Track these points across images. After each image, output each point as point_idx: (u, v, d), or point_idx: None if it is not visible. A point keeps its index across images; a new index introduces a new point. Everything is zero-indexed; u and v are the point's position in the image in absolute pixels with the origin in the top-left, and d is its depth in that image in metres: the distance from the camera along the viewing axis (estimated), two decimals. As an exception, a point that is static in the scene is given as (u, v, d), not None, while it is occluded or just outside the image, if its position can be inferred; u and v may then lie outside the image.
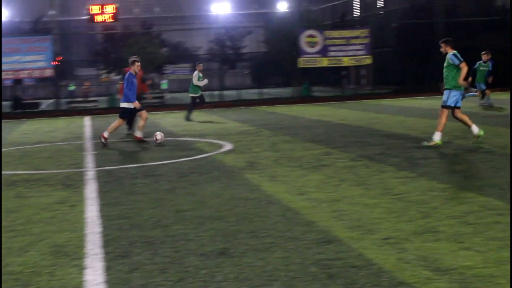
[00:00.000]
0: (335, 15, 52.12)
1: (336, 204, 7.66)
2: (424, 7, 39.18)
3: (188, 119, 22.76)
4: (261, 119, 22.09)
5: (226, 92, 39.45)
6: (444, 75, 12.85)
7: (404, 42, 38.10)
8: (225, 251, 5.91)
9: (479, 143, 12.72)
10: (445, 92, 12.85)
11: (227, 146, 14.18)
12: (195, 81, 22.83)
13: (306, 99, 34.35)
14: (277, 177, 9.87)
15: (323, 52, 34.08)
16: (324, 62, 34.52)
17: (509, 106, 21.26)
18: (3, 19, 37.03)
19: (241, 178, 9.93)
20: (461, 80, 12.53)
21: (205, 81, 22.80)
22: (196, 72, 23.08)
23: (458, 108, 12.86)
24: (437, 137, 12.65)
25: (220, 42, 54.91)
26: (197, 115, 24.49)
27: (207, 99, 34.96)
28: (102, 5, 34.56)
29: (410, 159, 11.10)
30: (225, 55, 55.44)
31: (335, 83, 42.81)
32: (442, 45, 12.92)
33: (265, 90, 42.63)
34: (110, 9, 34.40)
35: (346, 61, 34.70)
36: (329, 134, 15.96)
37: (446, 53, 12.85)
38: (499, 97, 29.00)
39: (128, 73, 15.26)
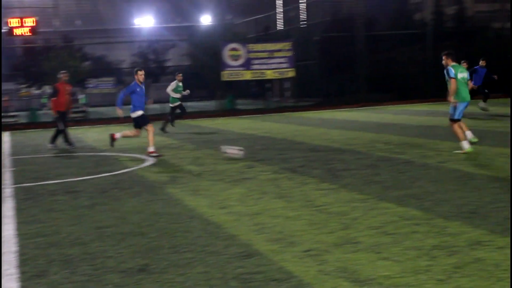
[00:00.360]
0: (259, 29, 52.45)
1: (258, 217, 7.67)
2: (345, 21, 39.83)
3: (164, 130, 22.29)
4: (184, 133, 21.98)
5: (150, 106, 39.08)
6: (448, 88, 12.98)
7: (326, 55, 38.60)
8: (145, 267, 5.83)
9: (397, 153, 12.98)
10: (451, 105, 12.95)
11: (150, 161, 14.05)
12: (170, 91, 22.34)
13: (230, 112, 34.38)
14: (199, 191, 9.83)
15: (247, 65, 34.21)
16: (248, 75, 34.67)
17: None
18: None
19: (163, 192, 9.84)
20: (449, 97, 12.77)
21: (185, 92, 22.34)
22: (175, 82, 22.53)
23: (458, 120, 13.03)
24: (465, 146, 12.66)
25: (143, 56, 54.48)
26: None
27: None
28: (21, 18, 33.82)
29: (331, 171, 11.23)
30: (149, 69, 55.00)
31: (259, 96, 43.03)
32: (444, 57, 13.08)
33: (189, 104, 42.42)
34: (29, 22, 33.69)
35: (270, 74, 34.92)
36: (253, 147, 16.00)
37: (447, 65, 13.01)
38: (415, 108, 29.69)
39: (133, 83, 15.16)
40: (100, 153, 16.59)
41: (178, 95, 22.45)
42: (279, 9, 51.63)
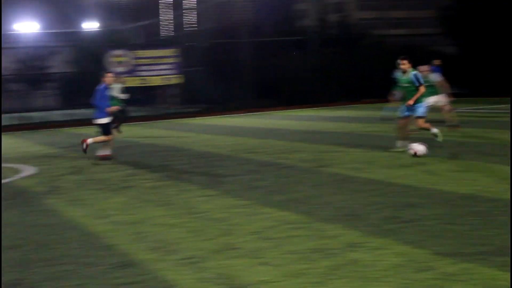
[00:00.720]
0: (144, 35, 51.98)
1: (138, 226, 7.56)
2: (230, 28, 40.05)
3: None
4: (68, 142, 21.45)
5: (33, 114, 38.01)
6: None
7: (212, 61, 38.69)
8: (19, 281, 5.63)
9: (280, 158, 13.14)
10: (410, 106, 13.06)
11: (29, 171, 13.61)
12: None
13: (117, 119, 33.84)
14: (78, 200, 9.59)
15: (132, 71, 33.83)
16: (133, 82, 34.27)
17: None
18: None
19: (41, 203, 9.54)
20: (411, 100, 12.89)
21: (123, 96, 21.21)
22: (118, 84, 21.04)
23: (421, 118, 13.22)
24: (435, 131, 13.33)
25: (25, 62, 52.87)
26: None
27: (12, 121, 33.54)
28: None
29: (214, 177, 11.22)
30: (30, 75, 53.44)
31: (145, 102, 42.60)
32: (405, 62, 13.09)
33: (76, 111, 41.51)
34: None
35: (155, 81, 34.67)
36: (137, 154, 15.80)
37: (407, 70, 13.06)
38: (301, 113, 30.21)
39: (103, 85, 14.51)
40: (-23, 163, 15.92)
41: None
42: (166, 15, 51.41)
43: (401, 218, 7.20)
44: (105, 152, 14.83)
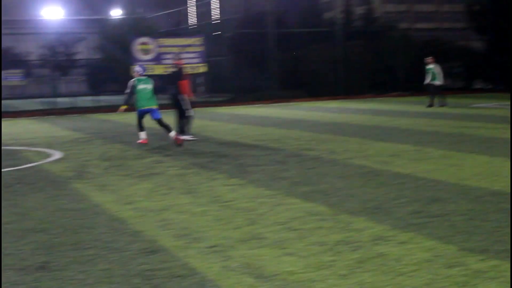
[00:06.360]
0: (170, 23, 52.07)
1: (164, 213, 7.58)
2: (257, 18, 40.00)
3: None
4: (94, 127, 21.59)
5: (59, 99, 38.24)
6: None
7: (238, 51, 38.67)
8: (45, 264, 5.66)
9: (306, 150, 13.11)
10: None
11: (57, 155, 13.71)
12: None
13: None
14: (106, 186, 9.64)
15: (157, 60, 33.90)
16: (158, 70, 34.34)
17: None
18: None
19: (68, 188, 9.61)
20: None
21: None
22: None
23: None
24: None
25: (52, 48, 53.22)
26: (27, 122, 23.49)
27: (39, 106, 33.75)
28: None
29: (240, 166, 11.23)
30: (58, 61, 53.81)
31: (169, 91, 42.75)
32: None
33: (101, 97, 41.75)
34: None
35: (181, 69, 34.71)
36: (162, 142, 15.85)
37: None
38: (326, 105, 30.13)
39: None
40: (5, 147, 16.07)
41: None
42: (191, 4, 51.44)
43: (428, 213, 7.15)
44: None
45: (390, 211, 7.32)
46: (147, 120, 15.45)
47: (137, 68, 15.93)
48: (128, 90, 15.63)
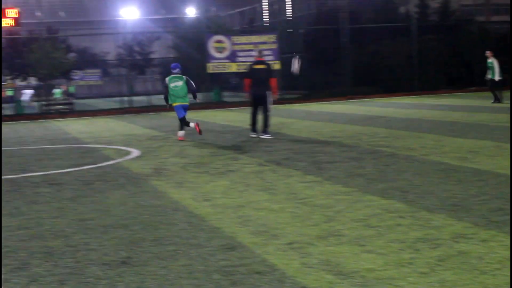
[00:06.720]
0: (243, 21, 52.36)
1: (242, 210, 7.65)
2: (330, 14, 39.80)
3: None
4: (170, 125, 21.90)
5: (135, 98, 38.96)
6: None
7: (311, 47, 38.58)
8: (127, 260, 5.79)
9: (382, 146, 13.00)
10: None
11: (135, 153, 13.99)
12: None
13: (217, 104, 34.33)
14: (183, 183, 9.79)
15: (232, 57, 34.14)
16: (233, 67, 34.59)
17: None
18: None
19: (147, 185, 9.80)
20: None
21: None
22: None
23: None
24: None
25: (128, 48, 54.19)
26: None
27: (116, 105, 34.43)
28: (3, 9, 33.50)
29: (316, 163, 11.22)
30: (134, 61, 54.77)
31: (240, 88, 42.99)
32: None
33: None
34: (12, 13, 33.38)
35: (255, 67, 34.85)
36: (238, 139, 15.97)
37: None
38: (401, 101, 29.77)
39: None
40: (85, 145, 16.50)
41: None
42: (264, 1, 51.51)
43: (509, 210, 6.99)
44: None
45: (470, 208, 7.19)
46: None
47: (171, 66, 16.99)
48: (164, 88, 16.78)
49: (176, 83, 16.38)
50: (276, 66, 34.90)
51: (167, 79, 16.58)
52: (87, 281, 5.25)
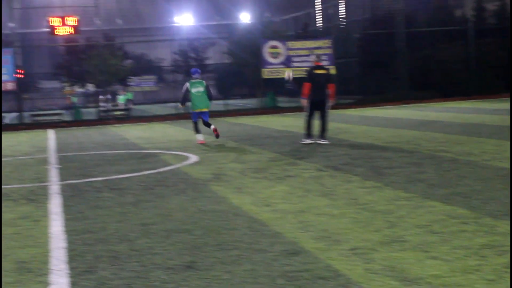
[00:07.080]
0: (298, 26, 52.35)
1: (302, 215, 7.65)
2: (385, 18, 39.53)
3: None
4: (226, 131, 22.03)
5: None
6: None
7: (366, 52, 38.38)
8: (192, 264, 5.85)
9: (442, 151, 12.85)
10: None
11: (193, 158, 14.12)
12: None
13: (272, 109, 34.40)
14: (243, 188, 9.84)
15: (287, 62, 34.19)
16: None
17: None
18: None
19: (207, 190, 9.88)
20: None
21: None
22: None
23: None
24: None
25: (183, 54, 54.74)
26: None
27: (173, 111, 34.74)
28: (63, 17, 34.21)
29: (375, 168, 11.15)
30: (189, 67, 55.31)
31: (298, 93, 42.99)
32: None
33: (230, 101, 42.60)
34: (71, 21, 34.05)
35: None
36: (295, 144, 15.97)
37: None
38: (458, 106, 29.36)
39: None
40: (143, 150, 16.72)
41: None
42: (318, 6, 51.40)
43: None
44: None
45: (536, 215, 7.06)
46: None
47: (192, 71, 17.73)
48: (183, 91, 17.41)
49: (198, 89, 16.87)
50: (332, 71, 34.86)
51: (187, 83, 17.03)
52: (153, 285, 5.32)
